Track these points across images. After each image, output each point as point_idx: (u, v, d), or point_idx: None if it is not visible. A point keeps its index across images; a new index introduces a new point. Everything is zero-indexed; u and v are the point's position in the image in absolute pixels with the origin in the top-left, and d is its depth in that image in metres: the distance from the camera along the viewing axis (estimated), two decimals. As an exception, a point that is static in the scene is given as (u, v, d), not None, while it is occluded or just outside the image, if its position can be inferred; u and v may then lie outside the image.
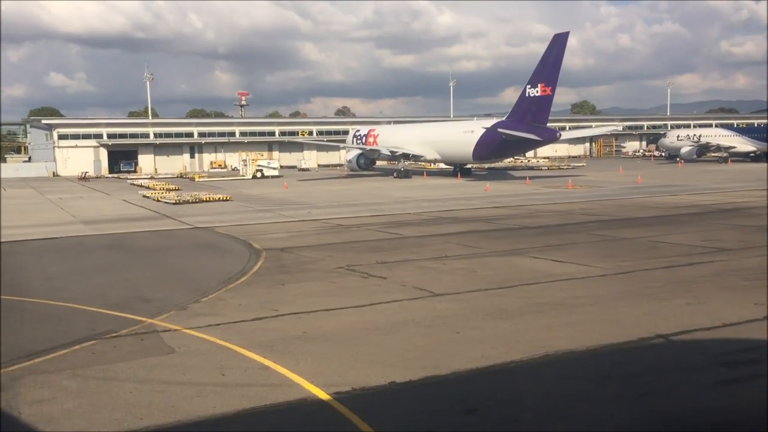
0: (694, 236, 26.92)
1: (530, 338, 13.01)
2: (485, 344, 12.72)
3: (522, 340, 12.90)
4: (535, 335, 13.23)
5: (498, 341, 12.91)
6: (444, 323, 14.29)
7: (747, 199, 42.01)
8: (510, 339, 13.05)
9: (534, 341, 12.79)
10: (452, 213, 38.55)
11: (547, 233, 29.26)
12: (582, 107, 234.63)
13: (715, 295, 16.48)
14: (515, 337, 13.10)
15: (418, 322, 14.56)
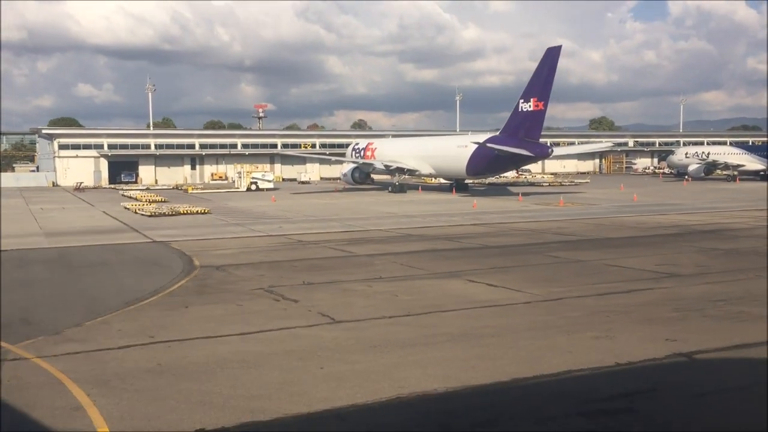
0: (653, 259, 25.53)
1: (397, 376, 11.80)
2: (342, 382, 11.54)
3: (384, 379, 11.69)
4: (403, 373, 12.00)
5: (356, 379, 11.71)
6: (316, 356, 13.11)
7: (735, 220, 40.45)
8: (370, 376, 11.85)
9: (397, 380, 11.58)
10: (424, 230, 37.38)
11: (503, 254, 27.98)
12: (600, 123, 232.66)
13: (631, 328, 15.13)
14: (378, 375, 11.91)
15: (292, 353, 13.39)
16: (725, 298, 18.13)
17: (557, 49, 59.95)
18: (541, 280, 21.62)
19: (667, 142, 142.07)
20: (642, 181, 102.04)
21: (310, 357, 13.07)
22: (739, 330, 14.84)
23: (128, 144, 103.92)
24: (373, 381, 11.58)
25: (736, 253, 26.91)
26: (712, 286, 20.01)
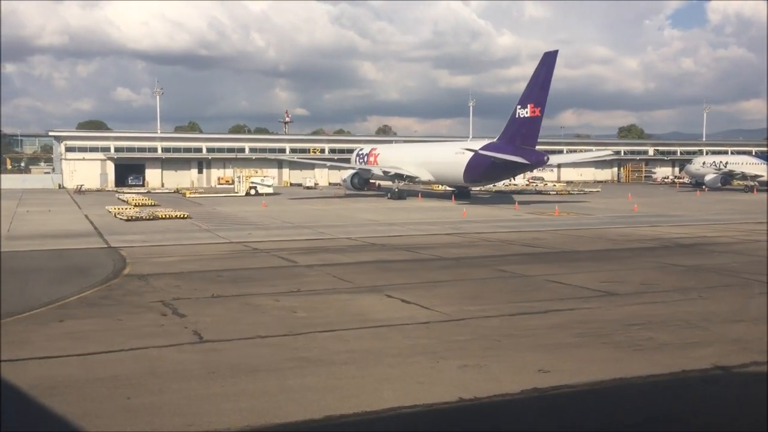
0: (602, 276, 23.91)
1: (193, 411, 10.48)
2: (137, 416, 10.27)
3: (177, 414, 10.37)
4: (205, 407, 10.66)
5: (149, 414, 10.41)
6: (134, 384, 11.84)
7: (725, 234, 38.60)
8: (163, 409, 10.54)
9: (188, 415, 10.26)
10: (392, 239, 36.13)
11: (451, 266, 26.61)
12: (630, 131, 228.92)
13: (511, 356, 13.66)
14: (174, 409, 10.60)
15: (111, 380, 12.14)
16: (644, 322, 16.50)
17: (554, 54, 58.19)
18: (466, 296, 20.17)
19: (689, 151, 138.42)
20: (656, 190, 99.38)
21: (127, 386, 11.79)
22: (630, 360, 13.28)
23: (135, 147, 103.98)
24: (164, 415, 10.27)
25: (695, 270, 25.10)
26: (641, 308, 18.35)
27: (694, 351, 13.95)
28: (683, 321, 16.66)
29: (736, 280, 22.80)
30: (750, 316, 17.21)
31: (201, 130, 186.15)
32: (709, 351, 13.89)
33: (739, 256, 28.98)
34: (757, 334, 15.28)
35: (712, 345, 14.41)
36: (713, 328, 15.95)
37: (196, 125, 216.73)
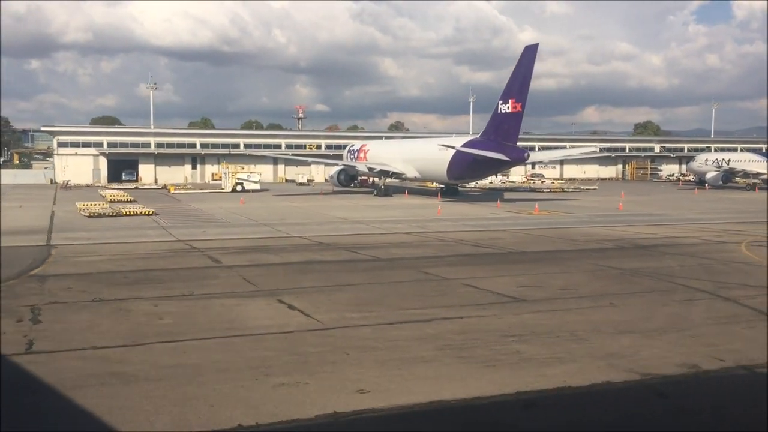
0: (527, 279, 22.70)
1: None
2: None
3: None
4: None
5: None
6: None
7: (694, 235, 37.05)
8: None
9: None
10: (346, 238, 35.20)
11: (377, 268, 25.50)
12: (646, 127, 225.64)
13: (341, 372, 12.43)
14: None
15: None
16: (527, 333, 15.19)
17: (534, 47, 56.56)
18: (362, 302, 18.93)
19: (696, 148, 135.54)
20: (656, 188, 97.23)
21: None
22: (472, 378, 11.99)
23: (128, 143, 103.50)
24: None
25: (631, 274, 23.72)
26: (537, 316, 17.01)
27: (551, 368, 12.62)
28: (569, 332, 15.28)
29: (665, 286, 21.35)
30: (647, 327, 15.77)
31: (213, 125, 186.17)
32: (564, 369, 12.51)
33: (691, 259, 27.47)
34: (640, 348, 13.91)
35: (576, 361, 13.05)
36: (596, 341, 14.58)
37: (209, 121, 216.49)
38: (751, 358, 13.23)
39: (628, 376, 12.16)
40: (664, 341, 14.57)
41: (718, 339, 14.78)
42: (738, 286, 21.27)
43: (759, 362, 12.97)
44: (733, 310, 17.70)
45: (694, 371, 12.46)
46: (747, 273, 23.91)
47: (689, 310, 17.67)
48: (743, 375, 11.94)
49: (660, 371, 12.42)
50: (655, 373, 12.29)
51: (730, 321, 16.46)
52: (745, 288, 20.85)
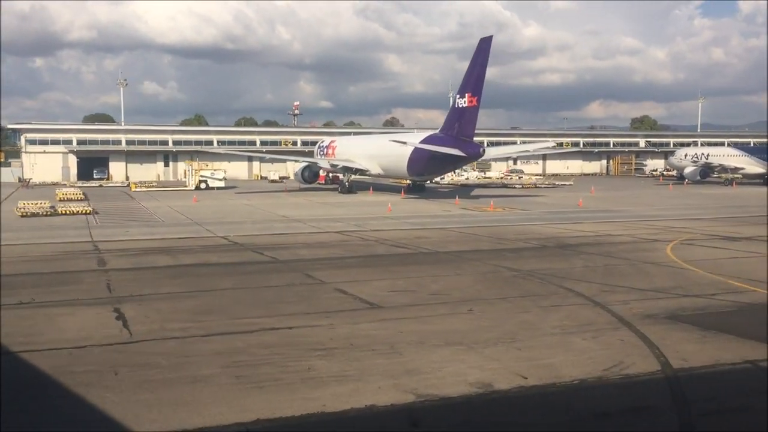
0: (409, 282, 21.68)
1: None
2: None
3: None
4: None
5: None
6: None
7: (633, 232, 35.77)
8: None
9: None
10: (268, 238, 33.83)
11: (263, 272, 24.22)
12: (642, 122, 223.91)
13: (90, 394, 11.01)
14: None
15: None
16: (342, 346, 13.89)
17: (488, 39, 55.11)
18: (203, 310, 17.68)
19: (682, 143, 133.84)
20: (635, 184, 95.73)
21: None
22: (224, 401, 10.65)
23: (98, 140, 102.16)
24: None
25: (524, 277, 22.43)
26: (374, 325, 15.83)
27: (324, 389, 11.32)
28: (390, 344, 14.00)
29: (546, 290, 20.12)
30: (481, 338, 14.49)
31: (207, 123, 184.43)
32: (338, 390, 11.24)
33: (603, 259, 26.33)
34: (448, 363, 12.67)
35: (362, 380, 11.76)
36: (408, 355, 13.34)
37: (202, 118, 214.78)
38: (558, 375, 11.88)
39: (401, 398, 10.81)
40: (483, 355, 13.25)
41: (544, 352, 13.45)
42: (625, 289, 19.97)
43: (564, 380, 11.62)
44: (593, 318, 16.36)
45: (482, 391, 11.10)
46: (647, 275, 22.62)
47: (544, 318, 16.32)
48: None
49: (442, 392, 11.09)
50: (433, 395, 10.96)
51: (578, 330, 15.13)
52: (628, 292, 19.55)
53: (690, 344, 14.00)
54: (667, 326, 15.50)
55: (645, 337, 14.47)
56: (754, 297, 18.89)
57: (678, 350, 13.53)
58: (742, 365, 12.61)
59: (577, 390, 11.25)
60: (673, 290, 19.82)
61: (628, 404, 10.90)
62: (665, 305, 17.81)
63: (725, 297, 18.84)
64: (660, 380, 11.71)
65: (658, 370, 12.20)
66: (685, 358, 12.98)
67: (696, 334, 14.81)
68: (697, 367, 12.51)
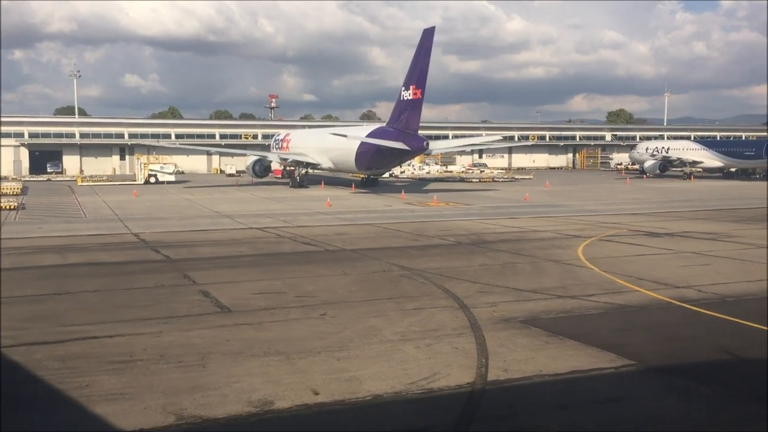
0: (282, 283, 20.56)
1: None
2: None
3: None
4: None
5: None
6: None
7: (558, 227, 35.04)
8: None
9: None
10: (186, 235, 32.98)
11: (129, 273, 22.84)
12: (618, 116, 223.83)
13: None
14: None
15: None
16: (142, 358, 12.67)
17: (431, 30, 54.12)
18: (40, 316, 16.36)
19: (648, 136, 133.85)
20: (596, 178, 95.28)
21: None
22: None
23: (51, 133, 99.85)
24: None
25: (412, 276, 21.36)
26: (203, 332, 14.67)
27: (77, 411, 10.09)
28: (201, 356, 12.95)
29: (423, 291, 19.03)
30: (304, 348, 13.46)
31: (181, 116, 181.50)
32: (90, 413, 10.03)
33: (508, 256, 25.68)
34: (238, 379, 11.57)
35: (126, 401, 10.56)
36: (214, 367, 12.13)
37: (176, 111, 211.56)
38: (354, 391, 10.87)
39: (160, 421, 9.75)
40: (293, 367, 12.28)
41: (363, 363, 12.50)
42: (504, 290, 19.14)
43: (357, 396, 10.60)
44: (446, 322, 15.41)
45: (255, 410, 10.05)
46: (539, 274, 21.83)
47: (393, 323, 15.35)
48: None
49: (212, 412, 10.07)
50: (197, 416, 9.93)
51: (418, 337, 14.20)
52: (506, 293, 18.72)
53: (526, 352, 13.06)
54: (516, 331, 14.57)
55: (483, 345, 13.52)
56: (630, 298, 18.07)
57: (507, 359, 12.58)
58: (565, 376, 11.67)
59: (361, 408, 10.25)
60: (555, 291, 18.95)
61: (407, 424, 9.90)
62: (532, 307, 16.93)
63: (601, 298, 17.99)
64: (461, 395, 10.75)
65: (467, 384, 11.23)
66: (507, 369, 12.02)
67: (540, 341, 13.88)
68: (514, 379, 11.56)
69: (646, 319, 15.91)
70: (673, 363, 12.52)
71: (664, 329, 15.05)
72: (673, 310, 16.78)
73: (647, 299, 17.91)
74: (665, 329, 15.06)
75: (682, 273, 21.77)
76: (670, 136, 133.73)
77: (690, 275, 21.33)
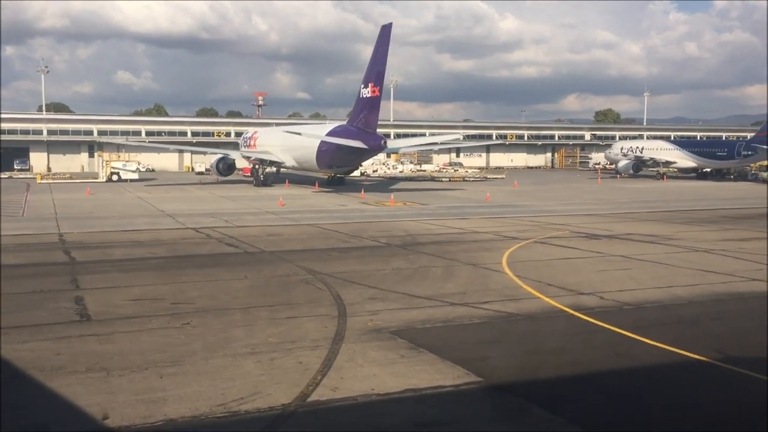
0: (167, 288, 19.04)
1: None
2: None
3: None
4: None
5: None
6: None
7: (499, 229, 34.06)
8: None
9: None
10: (115, 235, 31.99)
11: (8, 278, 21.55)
12: (606, 115, 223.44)
13: None
14: None
15: None
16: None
17: (388, 27, 53.16)
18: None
19: (627, 136, 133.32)
20: (570, 177, 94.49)
21: None
22: None
23: (17, 129, 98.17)
24: None
25: (308, 283, 20.43)
26: (32, 345, 13.39)
27: None
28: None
29: (305, 298, 17.95)
30: (83, 367, 12.27)
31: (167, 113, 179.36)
32: None
33: (431, 259, 24.78)
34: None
35: None
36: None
37: (162, 108, 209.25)
38: (148, 415, 9.78)
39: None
40: (89, 388, 11.13)
41: (188, 380, 11.45)
42: (398, 296, 18.37)
43: (147, 421, 9.53)
44: (308, 334, 14.44)
45: None
46: (447, 279, 21.08)
47: (254, 334, 14.38)
48: None
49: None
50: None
51: (269, 350, 13.22)
52: (399, 299, 17.92)
53: (371, 368, 12.04)
54: (377, 344, 13.56)
55: (331, 359, 12.46)
56: (525, 306, 17.10)
57: (345, 376, 11.57)
58: (393, 396, 10.65)
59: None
60: (451, 297, 17.97)
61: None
62: (415, 316, 15.94)
63: (494, 306, 17.02)
64: (265, 418, 9.73)
65: (280, 405, 10.18)
66: (337, 387, 10.99)
67: (396, 354, 12.87)
68: (335, 399, 10.53)
69: (524, 329, 14.94)
70: (523, 379, 11.53)
71: (538, 341, 14.09)
72: (560, 319, 15.82)
73: (542, 307, 16.95)
74: (538, 341, 14.10)
75: (595, 278, 20.84)
76: (649, 136, 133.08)
77: (602, 281, 20.41)
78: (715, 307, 17.29)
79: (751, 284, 20.07)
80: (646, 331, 14.28)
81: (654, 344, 13.49)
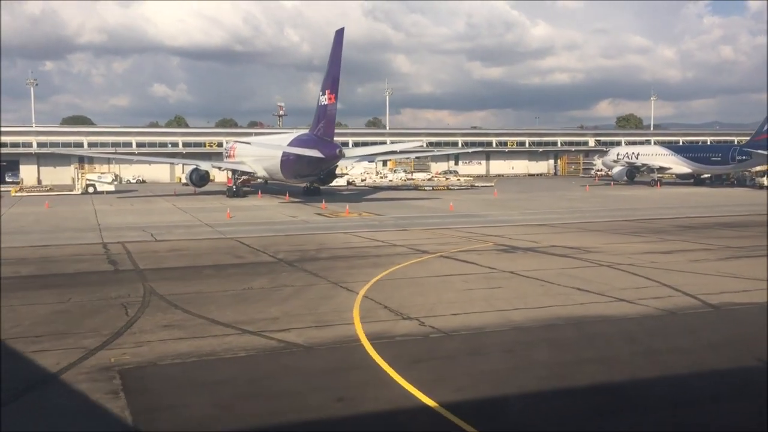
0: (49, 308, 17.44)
1: None
2: None
3: None
4: None
5: None
6: None
7: (436, 241, 32.32)
8: None
9: None
10: (29, 251, 30.67)
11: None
12: (628, 120, 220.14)
13: None
14: None
15: None
16: None
17: (340, 32, 51.50)
18: None
19: (633, 141, 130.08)
20: (562, 185, 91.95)
21: None
22: None
23: (8, 142, 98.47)
24: None
25: (122, 307, 18.63)
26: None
27: None
28: None
29: (74, 329, 16.28)
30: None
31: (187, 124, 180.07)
32: None
33: (302, 277, 22.76)
34: None
35: None
36: None
37: (182, 120, 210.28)
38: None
39: None
40: None
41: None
42: (197, 323, 16.45)
43: None
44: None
45: None
46: (283, 301, 19.29)
47: None
48: None
49: None
50: None
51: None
52: (194, 327, 16.00)
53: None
54: (86, 385, 11.79)
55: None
56: (323, 334, 15.26)
57: None
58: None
59: None
60: (260, 323, 16.32)
61: None
62: (176, 349, 14.20)
63: (289, 335, 15.20)
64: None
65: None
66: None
67: (85, 401, 11.06)
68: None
69: (282, 365, 13.12)
70: None
71: (282, 381, 12.25)
72: (339, 351, 13.95)
73: (339, 336, 15.11)
74: (282, 381, 12.25)
75: (446, 300, 18.95)
76: (657, 141, 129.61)
77: (451, 303, 18.54)
78: (530, 335, 15.26)
79: (609, 306, 17.96)
80: (408, 367, 12.37)
81: (400, 384, 11.56)
